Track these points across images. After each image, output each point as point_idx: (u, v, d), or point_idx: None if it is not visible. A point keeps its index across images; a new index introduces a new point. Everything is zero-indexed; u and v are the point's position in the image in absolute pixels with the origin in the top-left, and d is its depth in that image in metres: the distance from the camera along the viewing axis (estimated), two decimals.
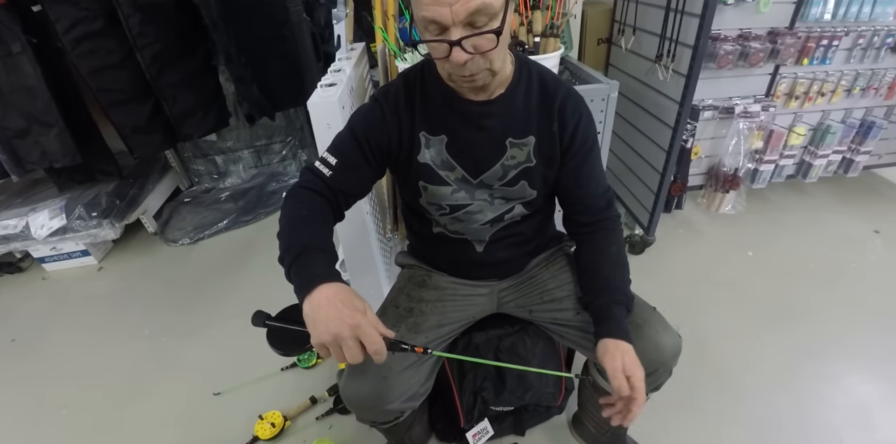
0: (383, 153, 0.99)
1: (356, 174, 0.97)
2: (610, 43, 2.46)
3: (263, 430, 1.51)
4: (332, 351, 0.74)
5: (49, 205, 2.37)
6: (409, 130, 0.97)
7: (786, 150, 2.38)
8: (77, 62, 1.96)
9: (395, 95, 0.97)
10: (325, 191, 0.94)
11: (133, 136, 2.19)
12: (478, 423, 1.38)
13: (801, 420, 1.48)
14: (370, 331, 0.73)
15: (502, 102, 0.95)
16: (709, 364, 1.67)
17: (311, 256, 0.82)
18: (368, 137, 0.96)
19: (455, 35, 0.76)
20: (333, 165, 0.94)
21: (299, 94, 2.23)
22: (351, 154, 0.96)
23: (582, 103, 1.00)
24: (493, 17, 0.77)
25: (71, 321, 2.13)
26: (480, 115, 0.95)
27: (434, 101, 0.96)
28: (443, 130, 0.97)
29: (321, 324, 0.73)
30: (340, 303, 0.74)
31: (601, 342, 0.91)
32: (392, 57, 1.51)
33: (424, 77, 0.97)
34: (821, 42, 2.10)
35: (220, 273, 2.35)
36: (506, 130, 0.97)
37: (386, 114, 0.96)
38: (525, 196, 1.04)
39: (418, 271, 1.23)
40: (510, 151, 0.98)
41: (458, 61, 0.78)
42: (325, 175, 0.94)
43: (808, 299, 1.93)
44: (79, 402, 1.72)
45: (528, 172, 1.00)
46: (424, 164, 0.99)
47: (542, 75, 0.98)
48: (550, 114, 0.97)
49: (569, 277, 1.15)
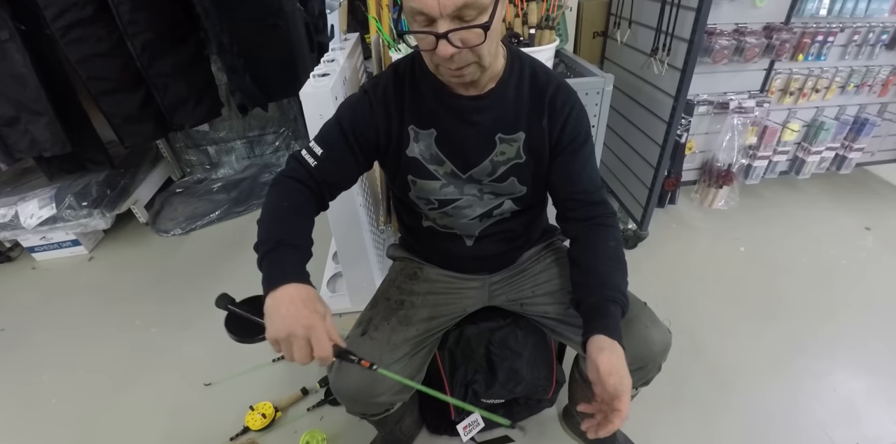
0: (371, 146, 0.97)
1: (342, 166, 0.96)
2: (605, 36, 2.45)
3: (254, 421, 1.51)
4: (282, 347, 0.74)
5: (39, 194, 2.35)
6: (397, 124, 0.96)
7: (779, 146, 2.39)
8: (66, 50, 1.93)
9: (385, 87, 0.95)
10: (310, 182, 0.93)
11: (124, 125, 2.16)
12: (468, 415, 1.39)
13: (790, 415, 1.50)
14: (322, 336, 0.73)
15: (493, 96, 0.93)
16: (699, 359, 1.68)
17: (284, 251, 0.82)
18: (355, 130, 0.94)
19: (442, 28, 0.75)
20: (319, 156, 0.93)
21: (292, 84, 2.21)
22: (337, 146, 0.94)
23: (573, 97, 0.98)
24: (483, 11, 0.76)
25: (61, 311, 2.12)
26: (470, 110, 0.94)
27: (424, 94, 0.95)
28: (432, 123, 0.96)
29: (278, 319, 0.73)
30: (301, 303, 0.74)
31: (595, 338, 0.83)
32: (386, 47, 1.50)
33: (415, 70, 0.95)
34: (816, 38, 2.10)
35: (212, 264, 2.33)
36: (495, 125, 0.96)
37: (374, 106, 0.95)
38: (515, 192, 1.03)
39: (410, 263, 1.22)
40: (499, 146, 0.97)
41: (444, 55, 0.77)
42: (311, 166, 0.93)
43: (799, 295, 1.94)
44: (69, 392, 1.72)
45: (517, 169, 0.99)
46: (413, 158, 0.98)
47: (533, 69, 0.97)
48: (541, 108, 0.96)
49: (560, 271, 1.15)
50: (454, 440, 1.45)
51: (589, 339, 0.85)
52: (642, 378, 1.06)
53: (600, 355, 0.80)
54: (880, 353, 1.69)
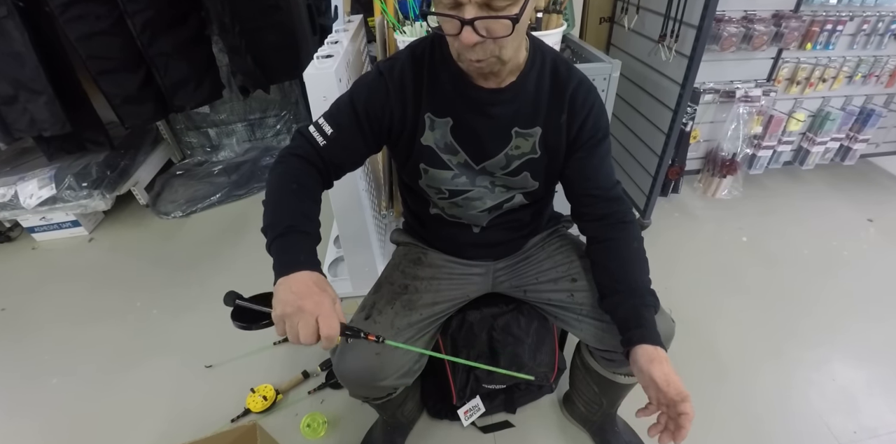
0: (382, 131, 0.95)
1: (351, 147, 0.94)
2: (612, 22, 2.42)
3: (255, 403, 1.51)
4: (287, 326, 0.72)
5: (38, 174, 2.33)
6: (413, 111, 0.93)
7: (784, 136, 2.38)
8: (66, 27, 1.90)
9: (402, 71, 0.92)
10: (317, 160, 0.91)
11: (124, 105, 2.14)
12: (469, 400, 1.39)
13: (788, 404, 1.51)
14: (330, 313, 0.72)
15: (513, 90, 0.91)
16: (699, 347, 1.69)
17: (295, 238, 0.81)
18: (369, 112, 0.91)
19: (469, 13, 0.72)
20: (328, 135, 0.91)
21: (294, 66, 2.18)
22: (348, 126, 0.92)
23: (594, 94, 0.96)
24: (514, 1, 0.72)
25: (62, 292, 2.12)
26: (489, 102, 0.91)
27: (443, 82, 0.91)
28: (449, 112, 0.93)
29: (289, 295, 0.72)
30: (314, 284, 0.74)
31: (641, 348, 0.84)
32: (391, 29, 1.48)
33: (434, 54, 0.92)
34: (825, 27, 2.08)
35: (213, 247, 2.33)
36: (513, 119, 0.94)
37: (391, 91, 0.91)
38: (527, 187, 1.02)
39: (414, 248, 1.22)
40: (515, 140, 0.95)
41: (468, 43, 0.74)
42: (319, 144, 0.91)
43: (800, 285, 1.95)
44: (69, 372, 1.72)
45: (531, 164, 0.98)
46: (427, 146, 0.96)
47: (555, 63, 0.94)
48: (561, 104, 0.94)
49: (564, 258, 1.14)
50: (455, 425, 1.46)
51: (634, 350, 0.86)
52: None
53: (653, 367, 0.81)
54: (880, 343, 1.69)
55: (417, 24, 1.44)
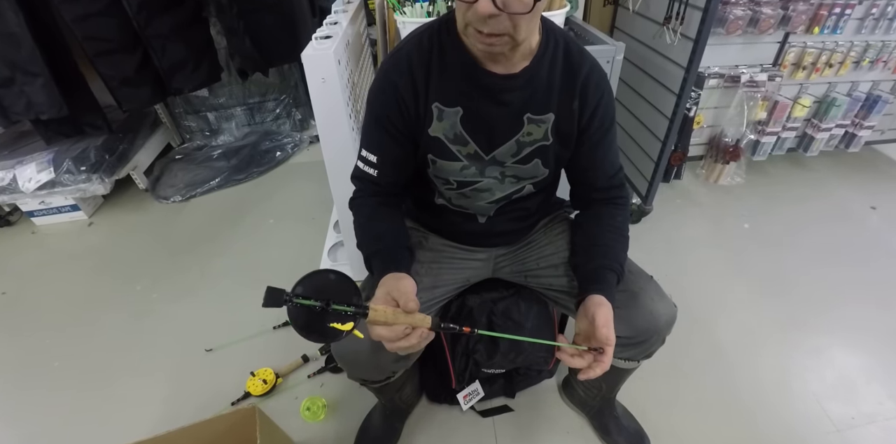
0: (408, 127, 0.94)
1: (400, 159, 0.97)
2: (616, 4, 2.38)
3: (255, 386, 1.52)
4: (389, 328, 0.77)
5: (36, 158, 2.32)
6: (423, 101, 0.91)
7: (789, 122, 2.35)
8: (61, 8, 1.87)
9: (408, 62, 0.89)
10: (378, 191, 0.99)
11: (121, 88, 2.12)
12: (469, 385, 1.40)
13: (787, 389, 1.51)
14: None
15: (525, 75, 0.88)
16: (698, 333, 1.69)
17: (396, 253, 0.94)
18: (390, 116, 0.91)
19: None
20: (376, 163, 0.96)
21: (293, 49, 2.15)
22: (385, 145, 0.95)
23: (605, 80, 0.94)
24: None
25: (62, 276, 2.12)
26: (501, 89, 0.88)
27: (452, 70, 0.89)
28: (459, 102, 0.90)
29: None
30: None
31: (595, 296, 0.87)
32: (391, 10, 1.45)
33: (443, 42, 0.88)
34: (833, 10, 2.04)
35: (213, 231, 2.32)
36: (525, 105, 0.91)
37: (400, 86, 0.89)
38: (537, 175, 1.00)
39: (415, 233, 1.20)
40: (527, 127, 0.93)
41: (483, 13, 0.70)
42: (373, 176, 0.97)
43: (802, 272, 1.94)
44: (70, 355, 1.73)
45: (542, 151, 0.96)
46: (435, 137, 0.94)
47: (567, 46, 0.91)
48: (572, 90, 0.92)
49: (565, 243, 1.13)
50: (454, 409, 1.47)
51: (588, 296, 0.88)
52: (645, 351, 1.05)
53: (599, 309, 0.84)
54: (880, 331, 1.69)
55: (418, 6, 1.41)
